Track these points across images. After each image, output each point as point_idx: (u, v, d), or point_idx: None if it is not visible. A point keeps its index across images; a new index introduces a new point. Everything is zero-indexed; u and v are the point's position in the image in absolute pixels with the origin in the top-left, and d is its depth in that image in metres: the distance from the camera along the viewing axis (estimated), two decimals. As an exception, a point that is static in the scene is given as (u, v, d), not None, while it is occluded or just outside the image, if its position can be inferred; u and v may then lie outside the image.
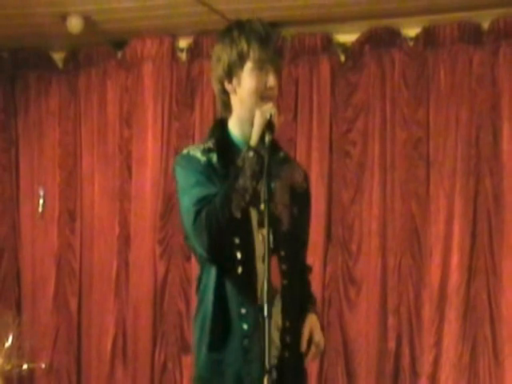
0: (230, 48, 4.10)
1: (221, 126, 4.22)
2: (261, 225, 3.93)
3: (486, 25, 7.05)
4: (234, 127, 4.16)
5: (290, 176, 4.25)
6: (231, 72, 4.08)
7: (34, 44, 7.83)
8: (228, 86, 4.09)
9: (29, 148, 7.98)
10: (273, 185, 4.07)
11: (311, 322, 4.10)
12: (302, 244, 4.31)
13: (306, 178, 4.42)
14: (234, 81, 4.08)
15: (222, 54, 4.14)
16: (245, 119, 4.08)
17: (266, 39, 4.11)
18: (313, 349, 4.02)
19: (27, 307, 7.77)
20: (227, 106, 4.17)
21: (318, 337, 4.07)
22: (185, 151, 4.17)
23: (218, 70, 4.12)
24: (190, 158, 4.12)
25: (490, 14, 7.01)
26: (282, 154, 4.26)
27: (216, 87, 4.15)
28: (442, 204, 7.04)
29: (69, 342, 7.69)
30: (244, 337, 3.92)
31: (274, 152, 4.05)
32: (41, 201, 7.74)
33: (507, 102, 6.98)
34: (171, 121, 7.66)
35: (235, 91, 4.10)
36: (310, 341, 4.06)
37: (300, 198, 4.24)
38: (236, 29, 4.15)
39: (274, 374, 3.77)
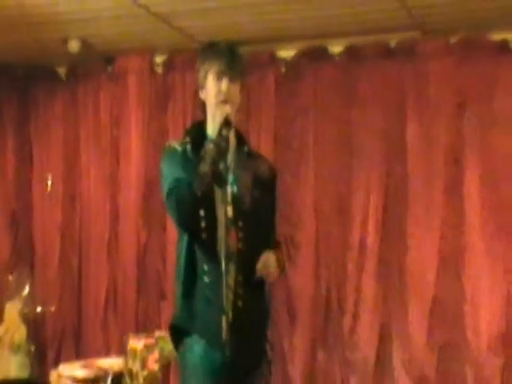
0: (202, 65, 4.24)
1: (197, 125, 4.31)
2: (223, 201, 4.02)
3: (393, 44, 7.15)
4: (208, 126, 4.24)
5: (254, 166, 4.32)
6: (202, 83, 4.22)
7: (42, 61, 7.79)
8: (201, 95, 4.23)
9: (39, 144, 7.97)
10: (238, 172, 4.16)
11: (265, 255, 4.11)
12: (265, 221, 4.35)
13: (272, 170, 4.47)
14: (204, 90, 4.22)
15: (198, 70, 4.28)
16: (212, 119, 4.17)
17: (225, 56, 4.22)
18: (259, 267, 4.04)
19: (39, 266, 7.80)
20: (203, 109, 4.28)
21: (264, 260, 4.08)
22: (167, 144, 4.34)
23: (197, 82, 4.30)
24: (170, 150, 4.25)
25: (395, 36, 7.09)
26: (246, 149, 4.32)
27: (198, 95, 4.33)
28: (361, 183, 7.16)
29: (71, 293, 7.74)
30: (206, 287, 4.03)
31: (239, 146, 4.20)
32: (49, 182, 7.75)
33: (411, 105, 7.08)
34: (150, 121, 7.68)
35: (206, 98, 4.23)
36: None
37: (263, 185, 4.30)
38: (208, 49, 4.30)
39: (230, 316, 3.97)
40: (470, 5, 6.50)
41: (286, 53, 7.43)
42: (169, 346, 6.34)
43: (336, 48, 7.33)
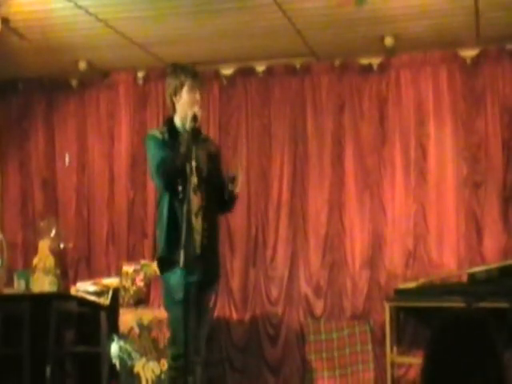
0: (175, 78, 4.49)
1: (170, 119, 4.55)
2: (191, 173, 4.26)
3: (297, 65, 7.30)
4: (177, 120, 4.52)
5: (207, 147, 4.58)
6: (176, 91, 4.47)
7: (60, 76, 7.73)
8: (174, 99, 4.49)
9: (60, 132, 7.89)
10: (198, 152, 4.40)
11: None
12: (216, 184, 4.51)
13: (218, 149, 4.78)
14: (178, 96, 4.47)
15: (171, 82, 4.51)
16: (183, 116, 4.44)
17: (195, 74, 4.51)
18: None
19: (61, 215, 7.73)
20: (174, 109, 4.54)
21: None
22: (150, 132, 4.64)
23: (168, 90, 4.52)
24: (152, 136, 4.51)
25: (298, 60, 7.26)
26: (202, 136, 4.57)
27: (168, 99, 4.56)
28: (277, 157, 7.33)
29: (83, 234, 7.72)
30: (183, 231, 4.17)
31: (199, 134, 4.47)
32: (67, 159, 7.78)
33: (309, 106, 7.26)
34: (134, 116, 7.69)
35: (178, 101, 4.48)
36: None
37: (213, 160, 4.58)
38: (178, 68, 4.55)
39: (197, 250, 4.33)
40: (346, 37, 6.67)
41: (227, 71, 7.49)
42: (150, 270, 6.71)
43: (260, 67, 7.42)
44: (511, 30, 6.41)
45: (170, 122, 4.56)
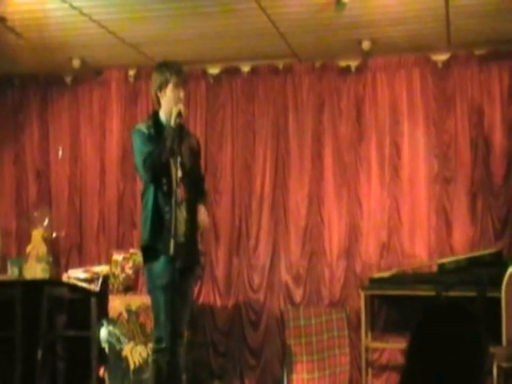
0: (161, 75, 4.53)
1: (155, 114, 4.60)
2: (174, 166, 4.29)
3: (280, 66, 7.38)
4: (162, 115, 4.56)
5: (190, 142, 4.64)
6: (161, 87, 4.52)
7: (55, 73, 7.77)
8: (159, 94, 4.55)
9: (54, 125, 7.89)
10: (183, 146, 4.44)
11: (200, 209, 4.57)
12: (199, 177, 4.71)
13: (199, 144, 4.82)
14: (163, 92, 4.52)
15: (156, 78, 4.55)
16: (168, 111, 4.48)
17: (179, 72, 4.55)
18: (199, 222, 4.52)
19: (54, 205, 7.75)
20: (159, 103, 4.59)
21: (202, 216, 4.54)
22: (136, 127, 4.65)
23: (154, 85, 4.57)
24: (139, 131, 4.55)
25: (281, 61, 7.32)
26: (185, 131, 4.63)
27: (153, 93, 4.61)
28: (260, 152, 7.38)
29: (75, 223, 7.71)
30: (166, 221, 4.34)
31: (183, 129, 4.49)
32: (60, 152, 7.78)
33: (291, 104, 7.33)
34: (125, 111, 7.69)
35: (163, 97, 4.54)
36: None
37: (195, 154, 4.66)
38: (164, 65, 4.61)
39: (182, 239, 4.33)
40: (326, 40, 6.76)
41: (213, 70, 7.55)
42: (138, 258, 6.60)
43: (245, 67, 7.49)
44: (479, 36, 6.62)
45: (155, 117, 4.60)
